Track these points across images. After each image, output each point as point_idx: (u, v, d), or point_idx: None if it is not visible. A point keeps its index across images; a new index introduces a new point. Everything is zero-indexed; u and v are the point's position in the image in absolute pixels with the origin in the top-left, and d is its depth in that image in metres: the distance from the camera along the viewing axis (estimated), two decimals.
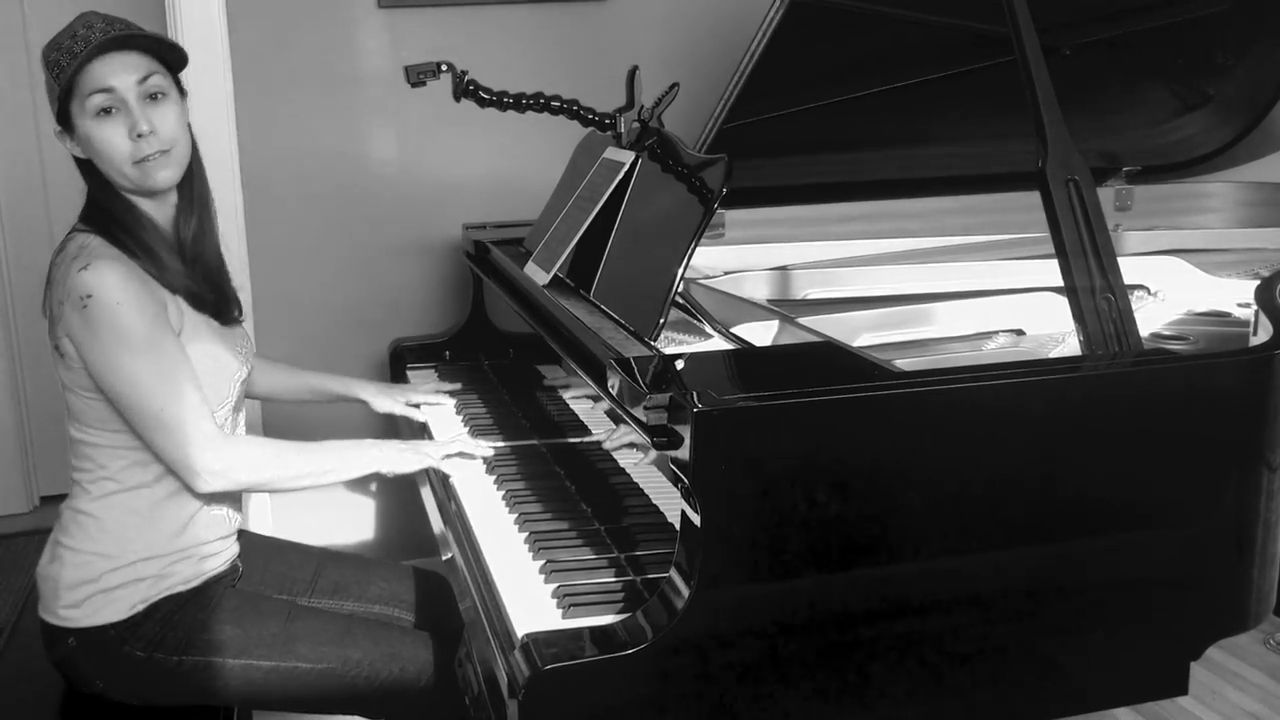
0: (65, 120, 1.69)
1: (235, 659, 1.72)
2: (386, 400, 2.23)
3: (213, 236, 1.84)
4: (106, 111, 1.66)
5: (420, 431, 2.22)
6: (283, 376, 2.18)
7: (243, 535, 1.95)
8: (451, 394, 2.32)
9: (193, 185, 1.79)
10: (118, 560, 1.71)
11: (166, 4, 2.75)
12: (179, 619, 1.73)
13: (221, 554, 1.83)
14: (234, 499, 1.86)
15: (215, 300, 1.81)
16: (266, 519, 2.96)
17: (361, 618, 1.94)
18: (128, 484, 1.72)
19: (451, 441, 1.95)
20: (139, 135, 1.66)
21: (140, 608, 1.72)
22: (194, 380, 1.68)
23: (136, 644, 1.71)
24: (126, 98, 1.67)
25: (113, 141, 1.67)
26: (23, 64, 3.43)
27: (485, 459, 1.97)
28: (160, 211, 1.76)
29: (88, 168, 1.74)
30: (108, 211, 1.72)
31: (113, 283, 1.62)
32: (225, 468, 1.68)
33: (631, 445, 1.76)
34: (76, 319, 1.63)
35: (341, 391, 2.21)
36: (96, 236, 1.69)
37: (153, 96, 1.69)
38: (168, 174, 1.71)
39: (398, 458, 1.88)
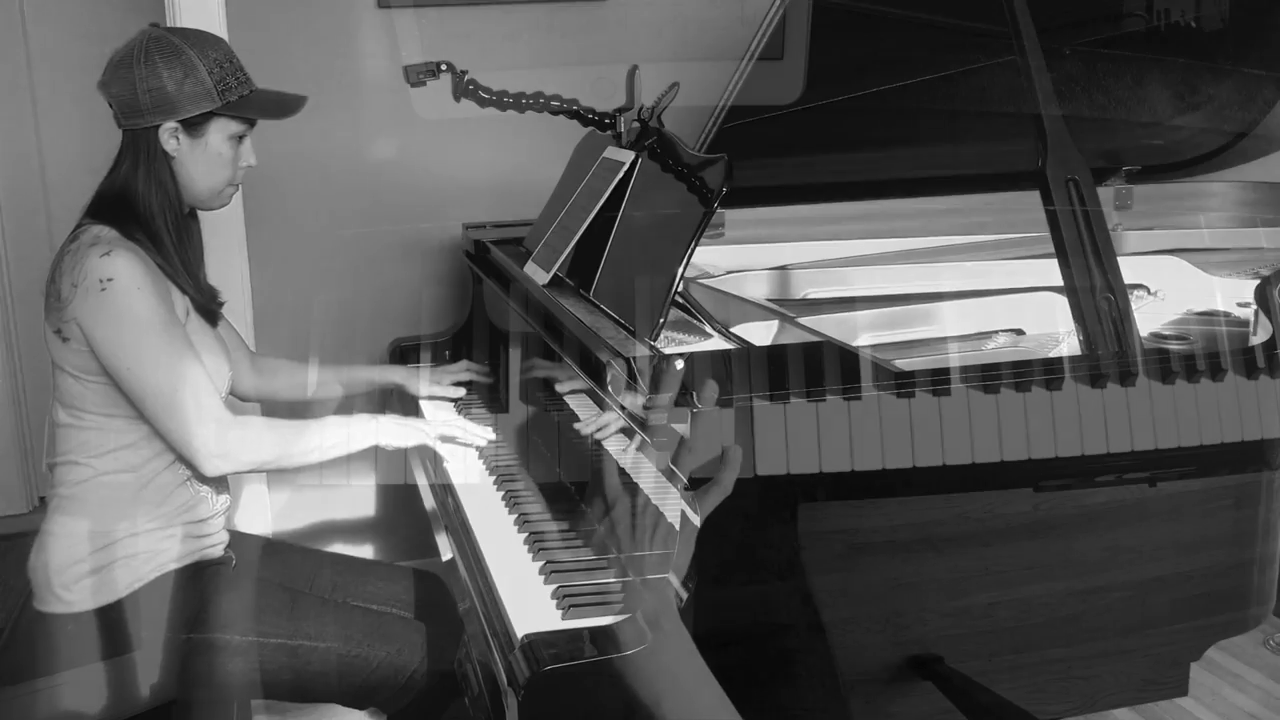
0: (195, 124, 1.78)
1: (243, 636, 1.74)
2: (425, 384, 2.30)
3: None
4: (239, 139, 1.84)
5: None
6: (305, 374, 2.23)
7: (240, 537, 1.95)
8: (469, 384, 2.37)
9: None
10: (102, 539, 1.73)
11: (166, 4, 2.75)
12: (181, 599, 1.75)
13: (211, 535, 1.85)
14: (218, 480, 1.87)
15: (208, 302, 1.89)
16: (265, 520, 2.96)
17: (360, 609, 1.94)
18: (111, 468, 1.75)
19: (447, 424, 2.03)
20: (247, 166, 1.87)
21: (136, 587, 1.73)
22: (202, 364, 1.74)
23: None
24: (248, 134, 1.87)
25: (232, 164, 1.84)
26: (23, 64, 3.42)
27: (482, 450, 1.97)
28: (195, 227, 1.90)
29: (162, 166, 1.79)
30: (148, 213, 1.77)
31: (133, 270, 1.69)
32: (229, 449, 1.75)
33: (622, 433, 1.75)
34: (92, 302, 1.67)
35: (378, 379, 2.30)
36: (110, 229, 1.74)
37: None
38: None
39: (396, 431, 1.93)
